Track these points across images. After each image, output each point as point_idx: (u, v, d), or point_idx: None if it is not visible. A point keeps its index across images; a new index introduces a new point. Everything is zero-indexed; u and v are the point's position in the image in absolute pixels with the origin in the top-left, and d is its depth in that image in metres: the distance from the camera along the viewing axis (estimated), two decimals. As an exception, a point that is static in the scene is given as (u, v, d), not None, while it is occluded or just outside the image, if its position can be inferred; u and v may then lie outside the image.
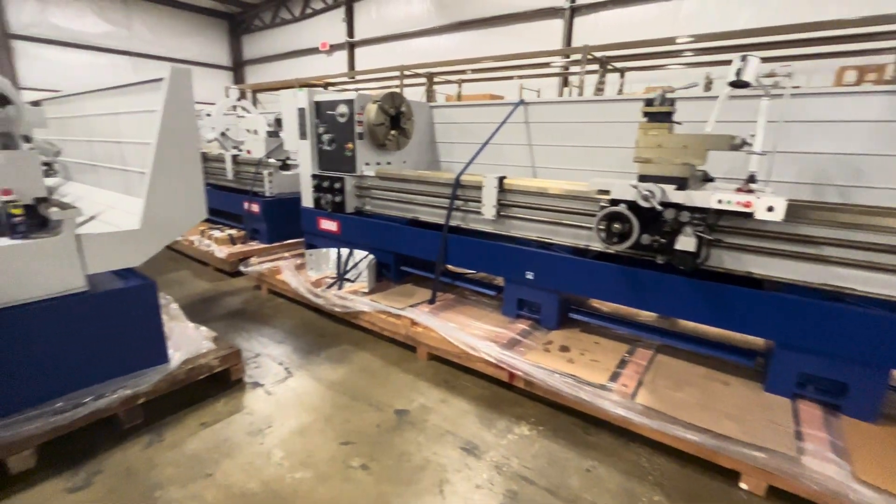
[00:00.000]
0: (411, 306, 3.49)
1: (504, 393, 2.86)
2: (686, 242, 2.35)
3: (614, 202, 2.58)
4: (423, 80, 7.69)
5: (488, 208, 3.31)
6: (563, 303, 3.18)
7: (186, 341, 2.79)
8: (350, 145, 4.09)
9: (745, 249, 2.40)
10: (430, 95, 7.63)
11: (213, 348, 2.87)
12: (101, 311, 2.29)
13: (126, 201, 2.98)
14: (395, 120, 4.17)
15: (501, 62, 6.61)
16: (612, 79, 6.36)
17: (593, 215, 2.80)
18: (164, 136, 2.38)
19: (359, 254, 4.13)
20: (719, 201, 2.22)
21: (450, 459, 2.26)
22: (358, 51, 12.90)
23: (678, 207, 2.36)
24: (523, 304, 3.31)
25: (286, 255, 4.88)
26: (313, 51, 14.10)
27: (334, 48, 13.39)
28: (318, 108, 4.28)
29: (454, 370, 3.12)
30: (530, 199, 3.14)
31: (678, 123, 2.50)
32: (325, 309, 3.84)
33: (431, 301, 3.58)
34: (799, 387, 2.37)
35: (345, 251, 4.18)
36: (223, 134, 6.14)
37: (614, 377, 2.53)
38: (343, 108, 4.02)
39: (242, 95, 6.38)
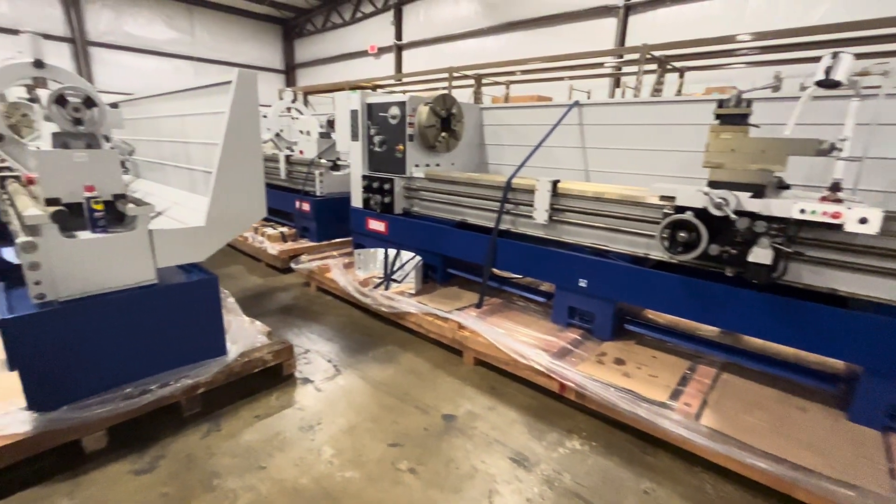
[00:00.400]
0: (458, 309, 3.46)
1: (553, 404, 2.76)
2: (761, 254, 2.18)
3: (680, 209, 2.44)
4: (471, 81, 7.66)
5: (540, 213, 3.23)
6: (617, 313, 3.05)
7: (243, 335, 2.89)
8: (400, 147, 4.11)
9: (830, 264, 2.19)
10: (478, 97, 7.58)
11: (267, 343, 2.96)
12: (168, 303, 2.40)
13: (190, 199, 3.13)
14: (446, 122, 4.16)
15: (552, 63, 6.47)
16: (670, 79, 6.07)
17: (654, 222, 2.67)
18: (230, 137, 2.47)
19: (406, 254, 4.15)
20: (802, 211, 2.04)
21: (499, 469, 2.20)
22: (405, 53, 13.07)
23: (753, 217, 2.19)
24: (574, 313, 3.20)
25: (335, 253, 4.98)
26: (362, 54, 14.41)
27: (382, 51, 13.63)
28: (370, 109, 4.34)
29: (501, 377, 3.05)
30: (585, 205, 3.03)
31: (755, 126, 2.33)
32: (371, 308, 3.88)
33: (478, 305, 3.53)
34: (892, 419, 2.13)
35: (392, 252, 4.21)
36: (277, 135, 6.37)
37: (675, 395, 2.38)
38: (395, 110, 4.06)
39: (295, 98, 6.59)
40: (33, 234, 1.97)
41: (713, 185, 2.35)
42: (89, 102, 2.15)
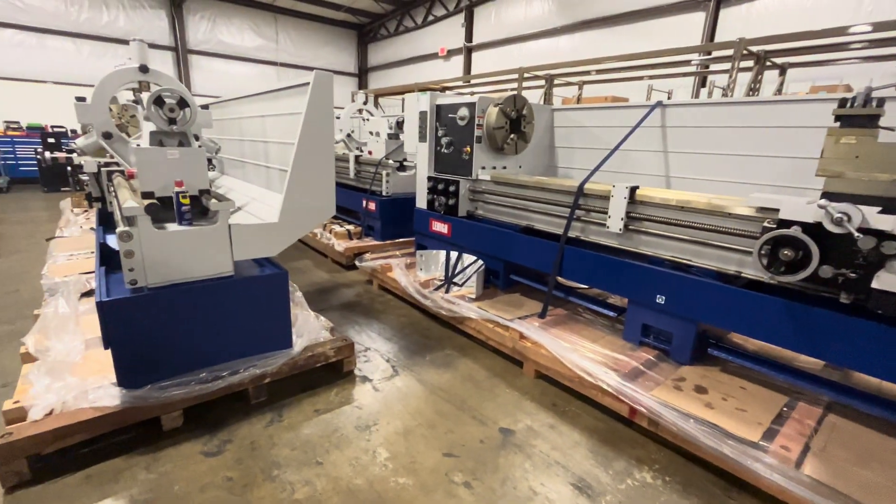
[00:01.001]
0: (520, 318, 3.32)
1: (621, 429, 2.55)
2: (890, 281, 1.84)
3: (784, 223, 2.14)
4: (542, 82, 7.44)
5: (615, 221, 3.01)
6: (700, 335, 2.75)
7: (308, 329, 2.96)
8: (468, 148, 4.05)
9: (984, 297, 1.80)
10: (549, 98, 7.35)
11: (330, 338, 3.02)
12: (242, 295, 2.51)
13: (267, 195, 3.28)
14: (515, 123, 4.04)
15: (633, 61, 6.08)
16: (767, 77, 5.46)
17: (750, 237, 2.37)
18: (304, 137, 2.53)
19: (467, 258, 4.08)
20: (951, 232, 1.70)
21: (559, 496, 2.05)
22: (475, 55, 13.04)
23: (881, 236, 1.86)
24: (649, 331, 2.95)
25: (397, 253, 5.03)
26: (432, 56, 14.60)
27: (451, 53, 13.72)
28: (439, 111, 4.32)
29: (563, 393, 2.88)
30: (667, 214, 2.78)
31: (889, 129, 1.98)
32: (431, 310, 3.85)
33: (542, 315, 3.37)
34: None
35: (454, 254, 4.16)
36: (349, 135, 6.58)
37: (770, 435, 2.09)
38: (464, 111, 4.00)
39: (367, 100, 6.78)
40: (130, 224, 2.14)
41: (829, 196, 2.03)
42: (182, 103, 2.30)
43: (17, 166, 11.25)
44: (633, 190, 2.92)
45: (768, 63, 5.07)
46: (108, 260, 2.81)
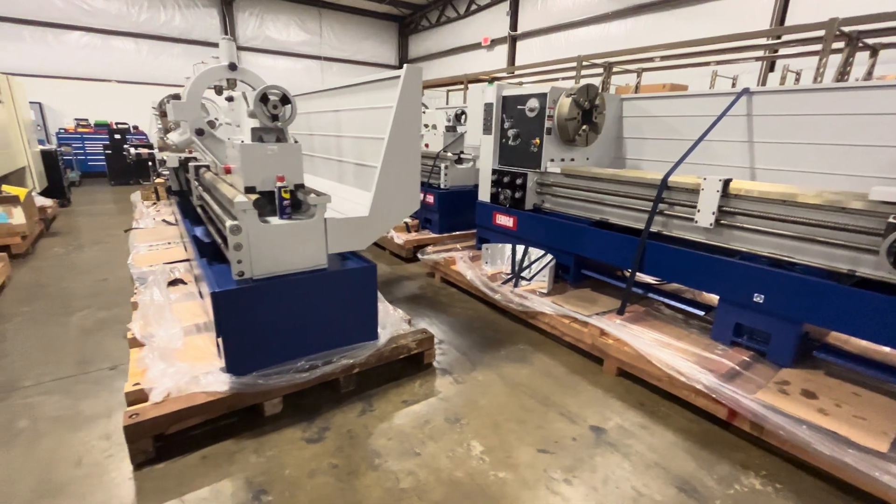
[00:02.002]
0: (597, 314, 3.25)
1: (718, 431, 2.46)
2: None
3: (917, 219, 1.98)
4: (590, 70, 7.20)
5: (705, 215, 2.89)
6: (803, 336, 2.61)
7: (390, 321, 3.01)
8: (537, 140, 3.98)
9: None
10: (606, 87, 7.11)
11: (411, 330, 3.06)
12: (334, 287, 2.58)
13: (339, 189, 3.34)
14: (587, 114, 3.93)
15: (696, 47, 5.77)
16: (858, 59, 5.05)
17: (871, 233, 2.21)
18: (395, 131, 2.55)
19: (534, 251, 4.03)
20: None
21: (665, 498, 2.00)
22: (519, 44, 12.80)
23: None
24: (742, 331, 2.82)
25: (458, 246, 5.03)
26: (473, 47, 14.44)
27: (495, 42, 13.52)
28: (505, 102, 4.26)
29: (649, 392, 2.81)
30: (767, 208, 2.63)
31: None
32: (499, 304, 3.84)
33: (620, 311, 3.29)
34: None
35: (520, 248, 4.12)
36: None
37: (898, 446, 1.96)
38: (534, 103, 3.93)
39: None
40: (239, 218, 2.22)
41: (977, 190, 1.86)
42: (284, 100, 2.35)
43: (87, 161, 11.99)
44: (726, 183, 2.78)
45: (860, 45, 4.70)
46: (204, 252, 2.94)
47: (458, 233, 5.69)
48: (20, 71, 10.54)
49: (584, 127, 3.93)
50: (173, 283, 3.90)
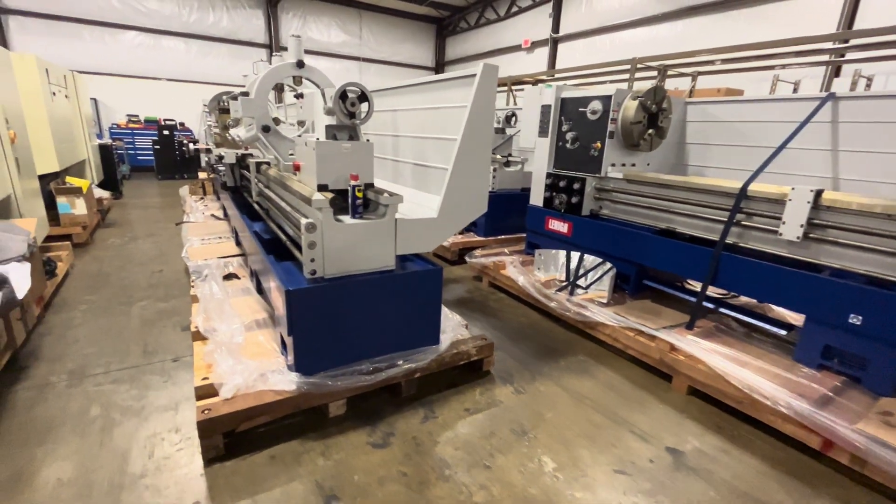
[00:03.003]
0: (665, 328, 3.09)
1: (808, 462, 2.28)
2: None
3: None
4: (651, 74, 6.97)
5: (791, 227, 2.70)
6: (907, 363, 2.39)
7: (449, 326, 2.94)
8: (598, 144, 3.85)
9: None
10: (660, 91, 6.86)
11: (469, 336, 2.98)
12: (401, 289, 2.52)
13: (393, 189, 3.29)
14: (653, 118, 3.77)
15: (766, 49, 5.47)
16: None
17: None
18: (468, 132, 2.47)
19: (590, 259, 3.89)
20: None
21: (761, 533, 1.85)
22: (560, 46, 12.59)
23: None
24: (832, 353, 2.61)
25: (505, 250, 4.93)
26: (513, 49, 14.30)
27: (536, 45, 13.34)
28: (564, 104, 4.14)
29: (725, 414, 2.64)
30: (866, 223, 2.43)
31: None
32: (554, 312, 3.72)
33: (689, 326, 3.12)
34: None
35: (575, 255, 3.99)
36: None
37: None
38: (596, 105, 3.79)
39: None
40: (314, 216, 2.19)
41: None
42: (362, 98, 2.32)
43: (136, 156, 12.47)
44: (818, 193, 2.59)
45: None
46: (269, 249, 2.94)
47: (503, 236, 5.58)
48: (79, 68, 11.04)
49: (649, 131, 3.77)
50: (227, 277, 3.95)
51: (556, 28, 12.53)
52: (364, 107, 2.36)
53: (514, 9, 13.92)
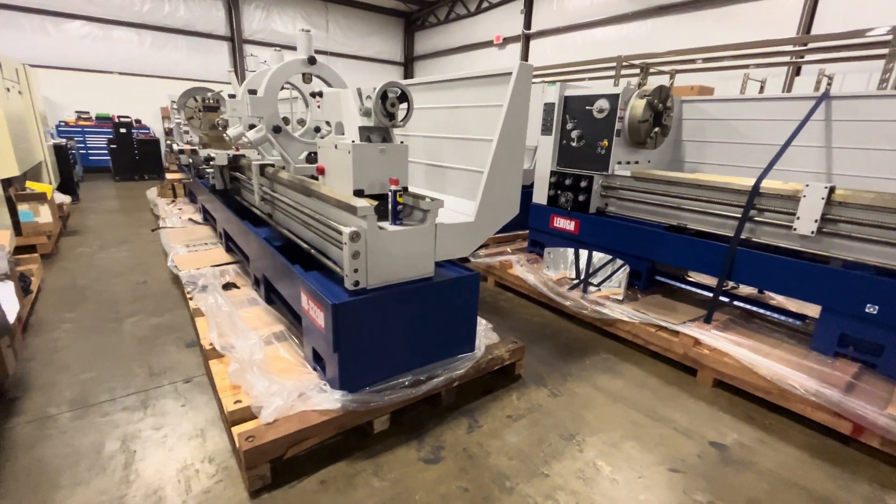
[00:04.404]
0: (685, 322, 3.17)
1: (839, 448, 2.39)
2: None
3: None
4: (622, 72, 7.12)
5: (805, 223, 2.82)
6: (920, 349, 2.56)
7: (480, 330, 2.88)
8: (605, 143, 3.88)
9: None
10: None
11: (499, 340, 2.93)
12: (439, 296, 2.43)
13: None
14: (658, 116, 3.84)
15: (732, 51, 5.72)
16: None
17: None
18: (504, 132, 2.41)
19: (599, 256, 3.93)
20: None
21: (819, 521, 1.92)
22: (533, 42, 12.70)
23: None
24: (847, 341, 2.75)
25: (507, 248, 4.91)
26: (484, 45, 14.29)
27: (508, 41, 13.38)
28: (568, 102, 4.15)
29: (753, 405, 2.73)
30: (879, 217, 2.57)
31: None
32: (569, 311, 3.73)
33: (707, 320, 3.21)
34: None
35: (583, 253, 4.02)
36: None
37: None
38: (603, 103, 3.82)
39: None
40: (358, 224, 2.06)
41: None
42: (403, 98, 2.20)
43: (88, 156, 11.55)
44: (831, 190, 2.72)
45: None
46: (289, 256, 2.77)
47: (501, 234, 5.55)
48: (19, 61, 10.05)
49: (655, 129, 3.84)
50: (226, 286, 3.71)
51: (527, 24, 12.62)
52: (403, 108, 2.25)
53: (485, 4, 13.90)
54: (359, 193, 2.26)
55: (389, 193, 2.20)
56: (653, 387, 2.90)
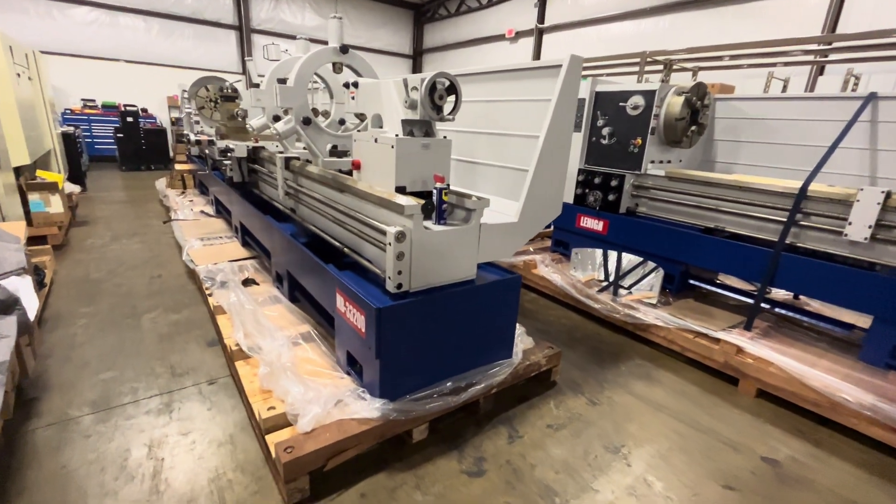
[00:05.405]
0: (725, 329, 3.05)
1: (893, 463, 2.29)
2: None
3: None
4: (637, 69, 6.97)
5: (858, 228, 2.70)
6: (982, 363, 2.45)
7: (517, 336, 2.76)
8: (638, 140, 3.75)
9: None
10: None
11: (535, 345, 2.82)
12: (481, 300, 2.31)
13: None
14: (694, 114, 3.71)
15: (756, 48, 5.57)
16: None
17: None
18: (552, 128, 2.29)
19: (629, 258, 3.82)
20: None
21: (889, 546, 1.82)
22: (546, 37, 12.49)
23: None
24: (900, 353, 2.65)
25: (530, 248, 4.79)
26: (495, 38, 14.07)
27: (520, 35, 13.16)
28: (599, 98, 4.01)
29: (799, 417, 2.62)
30: (942, 224, 2.45)
31: None
32: (599, 314, 3.62)
33: (747, 327, 3.09)
34: None
35: (612, 254, 3.90)
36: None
37: None
38: (638, 100, 3.69)
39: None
40: (404, 224, 1.94)
41: None
42: (451, 90, 2.07)
43: (94, 144, 11.40)
44: (888, 194, 2.59)
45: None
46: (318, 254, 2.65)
47: (521, 233, 5.43)
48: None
49: (692, 128, 3.71)
50: (245, 282, 3.60)
51: (541, 18, 12.40)
52: (451, 100, 2.12)
53: (498, -3, 13.66)
54: (400, 190, 2.14)
55: (434, 191, 2.08)
56: (692, 396, 2.80)
